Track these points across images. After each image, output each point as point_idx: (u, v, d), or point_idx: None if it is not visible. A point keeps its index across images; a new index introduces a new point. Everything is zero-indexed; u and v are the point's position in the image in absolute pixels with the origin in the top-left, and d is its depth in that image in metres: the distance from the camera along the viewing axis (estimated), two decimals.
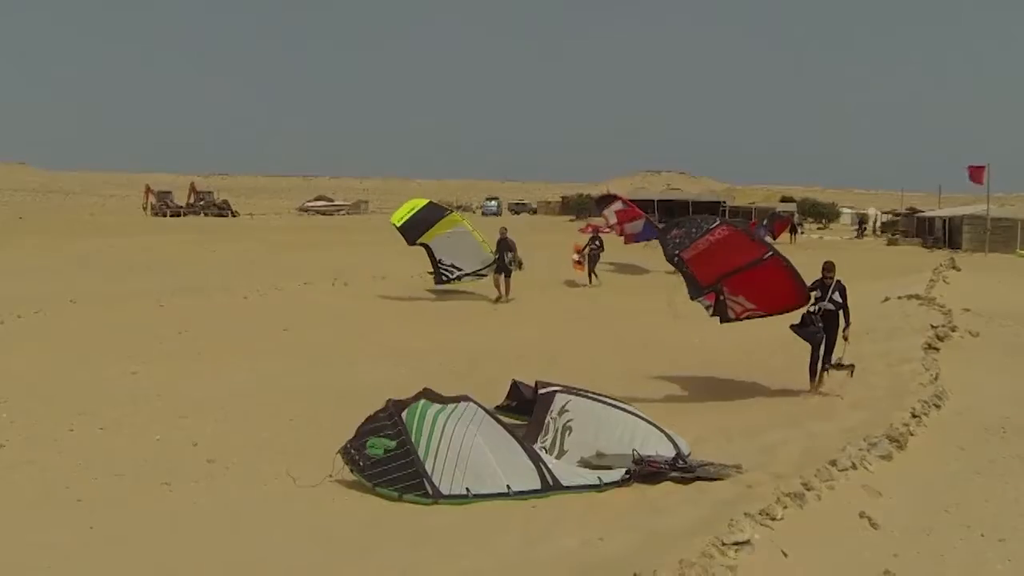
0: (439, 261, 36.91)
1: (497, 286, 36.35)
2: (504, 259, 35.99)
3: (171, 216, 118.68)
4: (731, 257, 20.11)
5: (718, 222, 20.73)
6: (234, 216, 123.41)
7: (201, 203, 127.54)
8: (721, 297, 20.67)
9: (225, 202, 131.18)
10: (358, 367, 23.03)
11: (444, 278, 37.22)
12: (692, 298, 20.82)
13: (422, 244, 37.29)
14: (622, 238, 51.12)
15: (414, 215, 37.33)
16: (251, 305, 34.14)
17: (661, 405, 19.12)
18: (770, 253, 20.24)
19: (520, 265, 36.43)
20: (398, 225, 37.28)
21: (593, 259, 44.01)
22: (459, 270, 37.04)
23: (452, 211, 38.71)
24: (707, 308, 21.00)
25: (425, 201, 39.37)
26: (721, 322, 21.16)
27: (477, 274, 37.32)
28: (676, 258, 20.09)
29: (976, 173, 74.79)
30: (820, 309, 20.05)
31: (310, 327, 29.32)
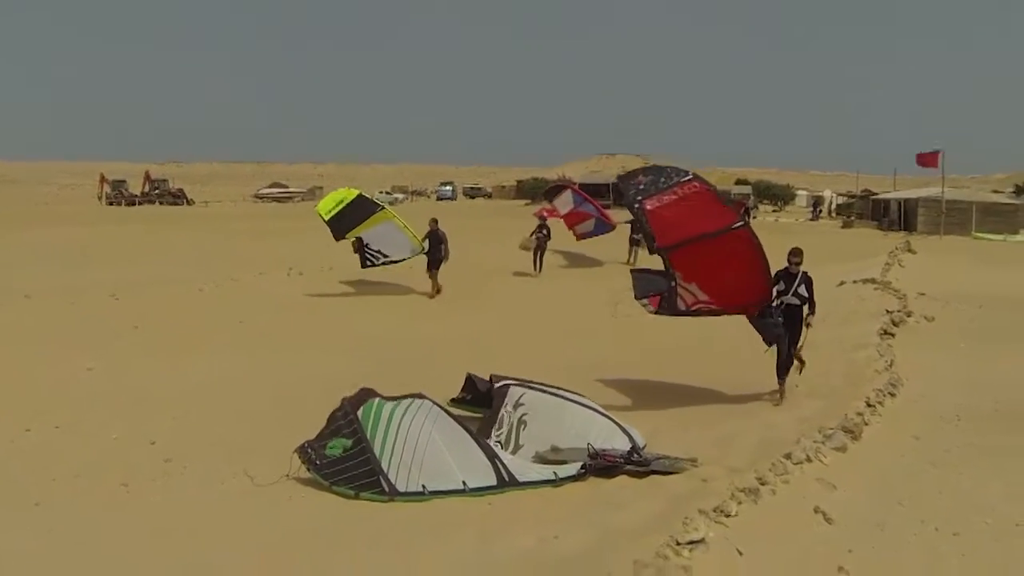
0: (366, 246, 36.02)
1: (432, 280, 35.53)
2: (438, 252, 35.27)
3: (126, 205, 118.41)
4: (698, 218, 18.66)
5: (690, 176, 19.35)
6: (189, 204, 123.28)
7: (156, 191, 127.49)
8: (672, 283, 18.85)
9: (180, 190, 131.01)
10: (315, 359, 22.97)
11: (369, 263, 36.33)
12: (637, 297, 19.72)
13: (351, 236, 36.28)
14: (572, 232, 50.00)
15: (343, 208, 36.29)
16: (207, 297, 33.94)
17: (617, 395, 19.15)
18: (740, 223, 18.85)
19: (446, 258, 35.48)
20: (326, 218, 36.25)
21: (540, 247, 43.22)
22: (385, 256, 36.13)
23: (383, 207, 37.43)
24: (648, 309, 19.89)
25: (355, 193, 37.79)
26: (670, 314, 19.94)
27: (403, 260, 36.61)
28: (636, 206, 18.77)
29: (928, 159, 74.92)
30: (782, 303, 18.85)
31: (266, 319, 29.20)
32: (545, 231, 43.36)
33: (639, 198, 18.82)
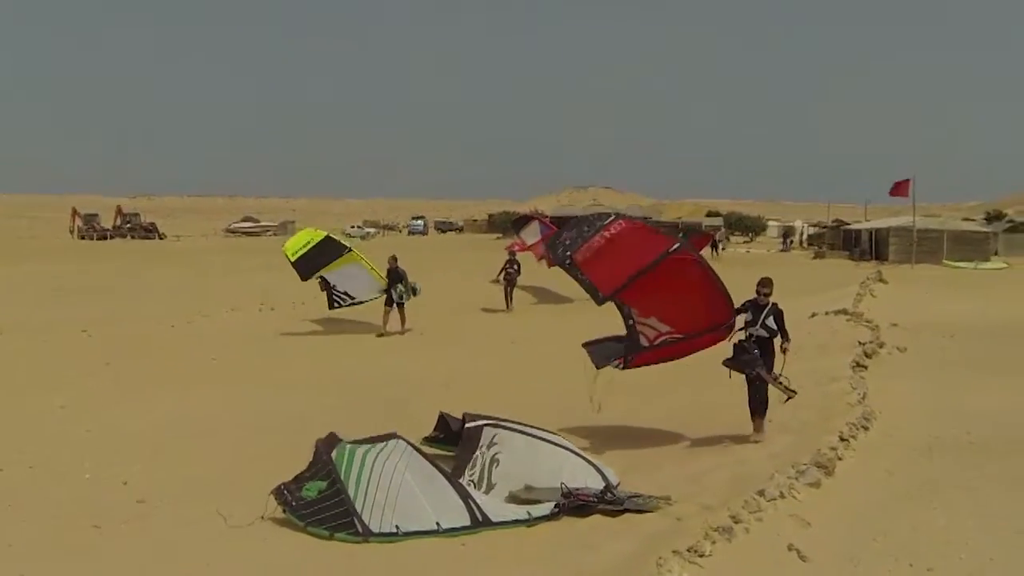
0: (333, 287, 36.19)
1: (384, 319, 35.19)
2: (393, 292, 35.07)
3: (98, 239, 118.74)
4: (633, 255, 18.01)
5: (612, 217, 19.20)
6: (161, 239, 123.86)
7: (128, 225, 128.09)
8: (630, 321, 18.42)
9: (152, 224, 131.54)
10: (287, 397, 22.91)
11: (337, 304, 36.47)
12: (599, 367, 19.18)
13: (317, 276, 36.27)
14: (543, 261, 49.34)
15: (310, 249, 36.32)
16: (178, 333, 33.99)
17: (589, 433, 18.99)
18: (677, 245, 17.96)
19: (414, 292, 35.46)
20: (292, 259, 36.17)
21: (510, 282, 43.08)
22: (352, 298, 36.23)
23: (350, 249, 37.21)
24: (617, 367, 19.37)
25: (323, 235, 37.83)
26: (638, 359, 19.43)
27: (370, 300, 36.46)
28: (568, 261, 18.06)
29: (900, 188, 75.26)
30: (752, 336, 18.15)
31: (238, 356, 29.24)
32: (515, 266, 43.06)
33: (568, 254, 18.24)
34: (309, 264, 36.05)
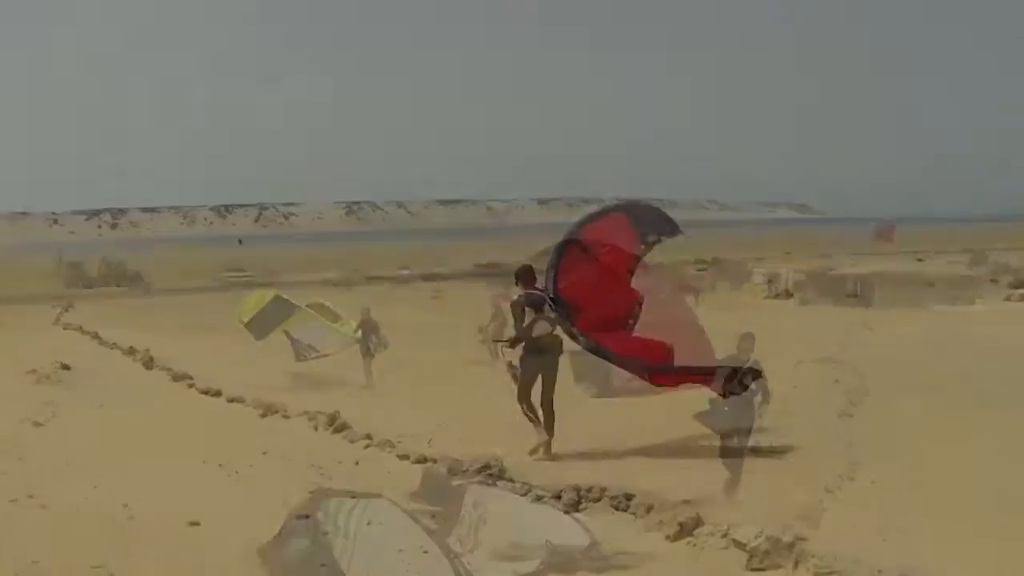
0: (296, 340, 35.62)
1: (366, 370, 34.36)
2: (368, 342, 34.46)
3: (83, 287, 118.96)
4: (615, 301, 18.19)
5: (608, 246, 18.63)
6: (148, 284, 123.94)
7: (114, 273, 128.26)
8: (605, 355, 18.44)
9: (137, 273, 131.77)
10: (275, 435, 22.95)
11: (303, 357, 35.86)
12: (576, 381, 18.86)
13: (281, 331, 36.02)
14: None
15: (260, 310, 36.02)
16: (159, 363, 34.60)
17: (576, 485, 18.85)
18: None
19: (385, 346, 34.80)
20: (244, 320, 36.05)
21: (497, 333, 42.31)
22: (316, 351, 35.56)
23: (301, 307, 36.41)
24: (586, 390, 18.99)
25: (272, 294, 37.89)
26: (602, 387, 19.11)
27: (335, 353, 35.61)
28: (552, 277, 18.40)
29: (883, 231, 75.69)
30: (727, 393, 17.79)
31: (222, 387, 29.21)
32: (500, 319, 42.68)
33: (552, 274, 18.47)
34: (261, 325, 35.89)
